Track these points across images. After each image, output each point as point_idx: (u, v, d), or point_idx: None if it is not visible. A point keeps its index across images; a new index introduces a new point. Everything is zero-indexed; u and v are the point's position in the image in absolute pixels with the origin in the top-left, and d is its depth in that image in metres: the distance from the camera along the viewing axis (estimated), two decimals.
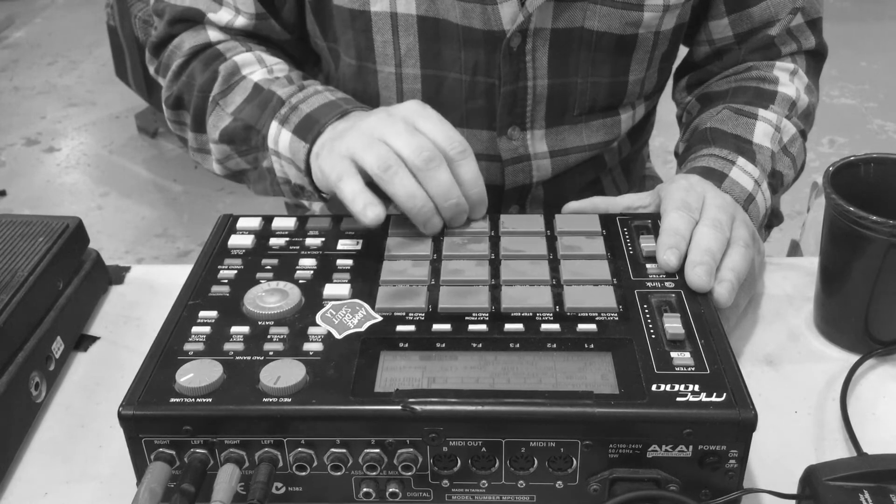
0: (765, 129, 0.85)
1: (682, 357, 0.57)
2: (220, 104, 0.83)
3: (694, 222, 0.69)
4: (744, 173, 0.81)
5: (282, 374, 0.56)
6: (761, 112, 0.86)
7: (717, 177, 0.80)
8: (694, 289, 0.64)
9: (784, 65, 0.91)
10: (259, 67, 0.84)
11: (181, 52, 0.87)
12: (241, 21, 0.86)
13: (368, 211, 0.66)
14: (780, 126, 0.86)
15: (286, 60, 0.87)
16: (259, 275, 0.67)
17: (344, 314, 0.62)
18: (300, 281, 0.66)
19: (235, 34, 0.88)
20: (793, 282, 0.80)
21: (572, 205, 0.76)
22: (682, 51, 0.97)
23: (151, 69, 0.93)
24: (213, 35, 0.87)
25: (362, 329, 0.61)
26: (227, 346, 0.59)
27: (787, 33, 0.91)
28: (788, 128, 0.87)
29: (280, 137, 0.78)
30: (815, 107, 0.93)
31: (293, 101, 0.79)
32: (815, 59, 0.96)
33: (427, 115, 0.70)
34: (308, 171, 0.76)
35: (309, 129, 0.76)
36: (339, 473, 0.56)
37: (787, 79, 0.90)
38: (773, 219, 0.86)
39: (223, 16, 0.86)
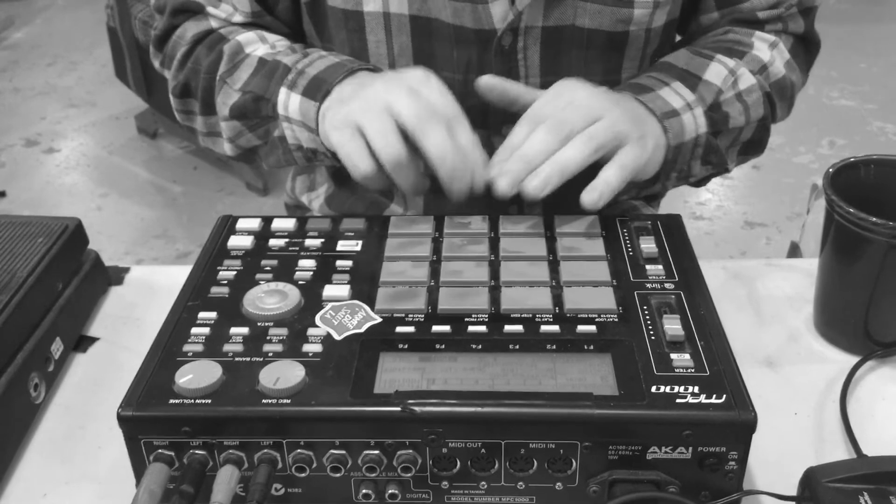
0: (718, 69, 0.84)
1: (681, 358, 0.57)
2: (228, 82, 0.83)
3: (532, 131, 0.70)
4: (675, 94, 0.80)
5: (281, 376, 0.56)
6: (720, 56, 0.85)
7: (640, 90, 0.79)
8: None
9: (764, 35, 0.90)
10: (261, 44, 0.85)
11: (184, 41, 0.88)
12: (238, 19, 0.87)
13: (361, 165, 0.69)
14: (737, 72, 0.84)
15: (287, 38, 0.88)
16: (258, 276, 0.67)
17: (343, 315, 0.62)
18: (299, 282, 0.66)
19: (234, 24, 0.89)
20: (793, 283, 0.80)
21: (486, 78, 0.78)
22: None
23: (156, 63, 0.93)
24: (216, 23, 0.88)
25: (362, 330, 0.61)
26: (227, 348, 0.59)
27: (776, 17, 0.91)
28: (747, 77, 0.85)
29: (290, 102, 0.79)
30: (796, 87, 0.91)
31: (299, 66, 0.80)
32: (803, 46, 0.94)
33: (429, 84, 0.71)
34: (318, 127, 0.77)
35: (318, 89, 0.77)
36: (338, 475, 0.56)
37: (765, 47, 0.89)
38: (711, 156, 0.84)
39: (221, 12, 0.87)
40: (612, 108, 0.73)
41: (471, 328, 0.61)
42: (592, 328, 0.61)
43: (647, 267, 0.67)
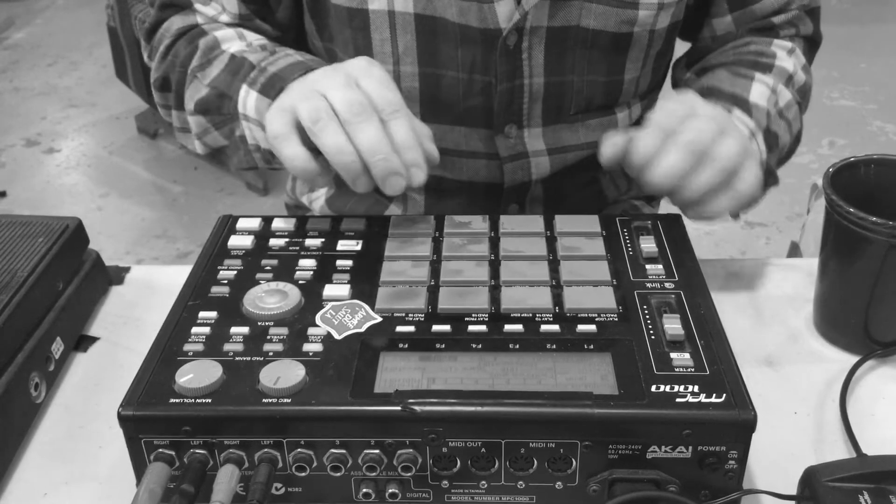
0: (761, 90, 0.85)
1: (681, 358, 0.57)
2: (199, 76, 0.83)
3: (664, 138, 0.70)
4: (740, 123, 0.81)
5: (281, 375, 0.56)
6: (758, 75, 0.87)
7: None
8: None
9: (782, 43, 0.92)
10: (238, 41, 0.84)
11: (169, 34, 0.88)
12: (225, 18, 0.87)
13: (288, 149, 0.67)
14: (777, 90, 0.86)
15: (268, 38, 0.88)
16: (259, 275, 0.67)
17: (343, 315, 0.62)
18: (300, 281, 0.66)
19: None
20: (793, 283, 0.81)
21: (609, 148, 0.74)
22: (680, 47, 0.98)
23: (145, 55, 0.94)
24: (201, 18, 0.88)
25: (362, 330, 0.61)
26: (227, 347, 0.59)
27: (787, 21, 0.92)
28: (784, 93, 0.87)
29: (248, 100, 0.77)
30: (811, 88, 0.93)
31: (262, 64, 0.78)
32: (810, 46, 0.97)
33: (370, 74, 0.68)
34: None
35: (272, 87, 0.75)
36: (338, 474, 0.56)
37: (785, 55, 0.91)
38: (767, 177, 0.85)
39: (209, 11, 0.87)
40: (733, 125, 0.74)
41: (471, 328, 0.61)
42: (592, 328, 0.61)
43: (647, 266, 0.67)
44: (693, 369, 0.57)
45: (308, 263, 0.68)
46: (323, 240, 0.71)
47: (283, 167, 0.79)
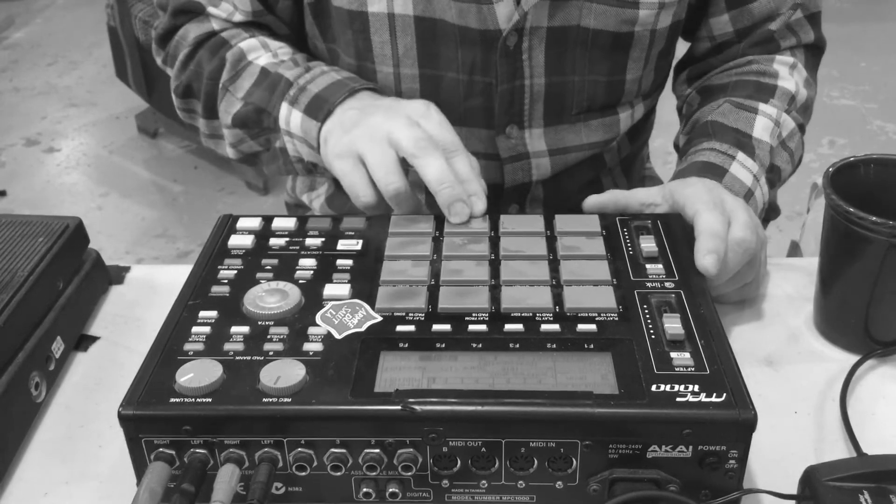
0: (764, 123, 0.86)
1: (681, 357, 0.57)
2: (230, 90, 0.84)
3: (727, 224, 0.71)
4: (743, 168, 0.82)
5: (282, 375, 0.56)
6: (761, 106, 0.87)
7: (717, 172, 0.80)
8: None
9: (784, 59, 0.92)
10: (264, 52, 0.85)
11: (187, 42, 0.88)
12: (238, 17, 0.88)
13: (362, 196, 0.73)
14: (780, 121, 0.87)
15: (289, 45, 0.88)
16: (259, 275, 0.67)
17: (344, 314, 0.62)
18: (300, 281, 0.66)
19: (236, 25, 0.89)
20: (793, 282, 0.80)
21: (593, 198, 0.78)
22: (681, 46, 0.98)
23: (158, 60, 0.94)
24: (217, 24, 0.88)
25: (362, 329, 0.61)
26: (227, 346, 0.59)
27: (786, 28, 0.92)
28: (787, 122, 0.88)
29: (291, 118, 0.80)
30: (813, 100, 0.94)
31: (301, 82, 0.80)
32: (813, 53, 0.97)
33: (429, 116, 0.73)
34: (320, 149, 0.78)
35: (319, 108, 0.78)
36: (338, 473, 0.56)
37: (787, 73, 0.91)
38: (770, 213, 0.88)
39: (222, 11, 0.87)
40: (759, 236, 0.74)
41: (471, 327, 0.61)
42: (593, 327, 0.61)
43: (648, 266, 0.67)
44: (693, 369, 0.57)
45: (308, 263, 0.68)
46: (323, 239, 0.71)
47: (324, 176, 0.83)
